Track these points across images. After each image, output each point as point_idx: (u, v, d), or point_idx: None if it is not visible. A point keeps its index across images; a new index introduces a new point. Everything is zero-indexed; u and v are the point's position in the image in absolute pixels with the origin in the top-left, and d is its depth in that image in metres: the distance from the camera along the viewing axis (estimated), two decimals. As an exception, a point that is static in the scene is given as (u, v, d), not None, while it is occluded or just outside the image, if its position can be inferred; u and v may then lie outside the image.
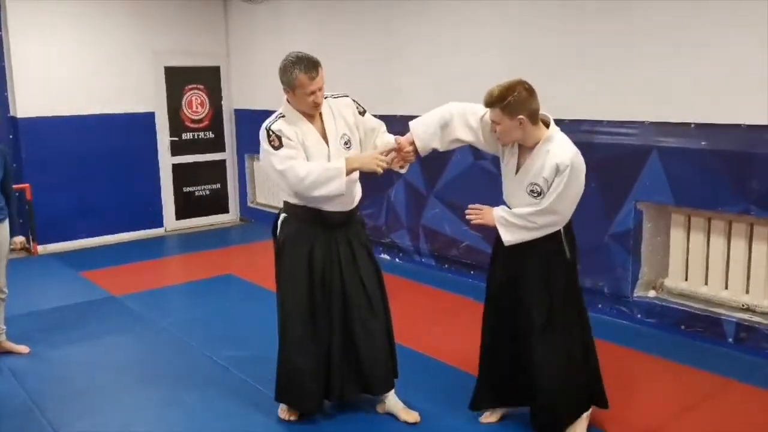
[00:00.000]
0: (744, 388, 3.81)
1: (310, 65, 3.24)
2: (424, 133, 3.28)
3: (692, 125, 4.32)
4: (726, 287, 4.45)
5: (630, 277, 4.77)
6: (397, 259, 6.52)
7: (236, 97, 8.47)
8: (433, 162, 5.99)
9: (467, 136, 3.26)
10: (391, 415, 3.55)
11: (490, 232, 3.28)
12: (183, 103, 8.14)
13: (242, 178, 8.62)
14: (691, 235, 4.59)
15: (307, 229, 3.38)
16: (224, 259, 7.05)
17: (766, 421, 3.47)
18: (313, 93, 3.24)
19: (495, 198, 5.68)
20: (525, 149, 3.11)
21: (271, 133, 3.27)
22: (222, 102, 8.46)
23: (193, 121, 8.26)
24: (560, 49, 5.00)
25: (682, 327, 4.53)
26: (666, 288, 4.75)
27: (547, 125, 3.10)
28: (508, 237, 3.10)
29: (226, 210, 8.70)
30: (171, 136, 8.09)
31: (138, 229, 7.94)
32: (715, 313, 4.40)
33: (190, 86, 8.17)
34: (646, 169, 4.57)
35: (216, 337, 4.78)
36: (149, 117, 7.90)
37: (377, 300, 3.49)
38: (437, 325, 4.94)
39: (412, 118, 3.09)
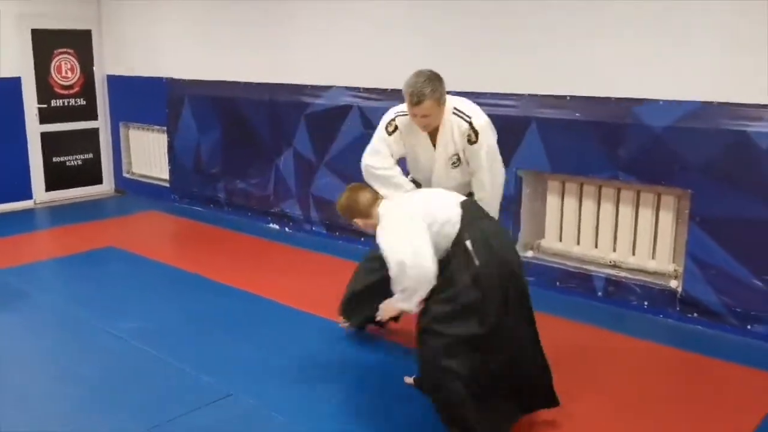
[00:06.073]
0: (613, 336, 4.25)
1: (415, 95, 3.31)
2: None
3: (568, 98, 4.68)
4: (596, 246, 4.88)
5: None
6: (286, 229, 6.59)
7: (109, 62, 8.11)
8: (322, 131, 6.10)
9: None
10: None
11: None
12: (52, 68, 7.70)
13: (117, 147, 8.30)
14: (565, 199, 4.98)
15: None
16: (103, 232, 6.82)
17: (632, 366, 3.91)
18: (414, 116, 3.40)
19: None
20: None
21: (393, 120, 3.56)
22: (93, 68, 8.07)
23: (63, 88, 7.84)
24: (446, 25, 5.21)
25: (558, 284, 4.93)
26: (543, 248, 5.14)
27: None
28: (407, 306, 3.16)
29: (99, 181, 8.36)
30: (39, 103, 7.65)
31: (4, 202, 7.49)
32: (587, 270, 4.84)
33: (59, 50, 7.74)
34: (525, 138, 4.90)
35: (108, 309, 4.68)
36: (15, 83, 7.43)
37: None
38: (332, 291, 5.05)
39: (304, 87, 3.04)
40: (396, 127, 3.55)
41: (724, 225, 4.19)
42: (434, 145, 3.54)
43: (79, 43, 7.93)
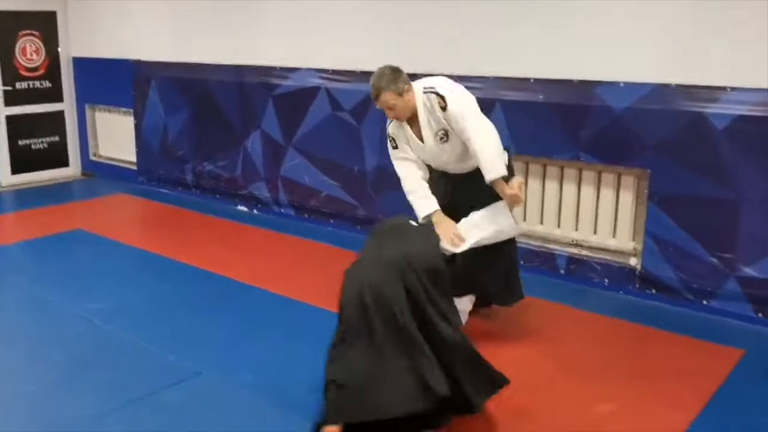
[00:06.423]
0: (574, 311, 4.37)
1: (373, 90, 3.58)
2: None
3: (531, 80, 4.76)
4: (558, 226, 4.98)
5: (477, 219, 5.20)
6: (255, 211, 6.61)
7: (75, 44, 8.01)
8: (290, 113, 6.12)
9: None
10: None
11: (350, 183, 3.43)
12: (16, 50, 7.60)
13: (83, 130, 8.23)
14: (529, 180, 5.07)
15: None
16: (70, 215, 6.80)
17: (592, 339, 4.03)
18: (386, 111, 3.64)
19: (353, 148, 5.93)
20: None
21: (389, 136, 3.80)
22: (59, 49, 7.97)
23: (28, 70, 7.74)
24: (413, 8, 5.25)
25: (522, 262, 5.00)
26: (508, 228, 5.23)
27: None
28: None
29: (66, 164, 8.29)
30: (4, 86, 7.55)
31: (-31, 186, 7.43)
32: (550, 249, 4.95)
33: (23, 32, 7.63)
34: (490, 120, 4.94)
35: (76, 291, 4.69)
36: (-22, 65, 7.33)
37: None
38: (301, 271, 5.12)
39: (272, 68, 3.10)
40: (394, 138, 3.77)
41: (682, 204, 4.31)
42: (420, 128, 3.66)
43: (44, 24, 7.82)
